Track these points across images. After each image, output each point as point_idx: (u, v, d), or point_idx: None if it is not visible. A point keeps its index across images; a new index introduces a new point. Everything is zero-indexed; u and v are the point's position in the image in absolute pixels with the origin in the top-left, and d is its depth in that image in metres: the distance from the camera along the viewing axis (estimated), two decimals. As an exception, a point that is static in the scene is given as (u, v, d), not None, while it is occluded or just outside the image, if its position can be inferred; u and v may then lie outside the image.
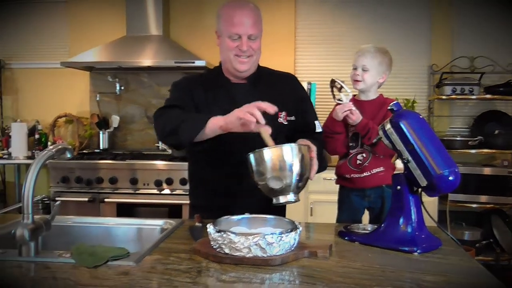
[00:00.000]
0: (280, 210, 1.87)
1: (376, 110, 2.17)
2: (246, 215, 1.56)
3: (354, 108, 2.09)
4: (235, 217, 1.54)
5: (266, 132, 1.55)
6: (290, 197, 1.52)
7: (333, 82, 2.16)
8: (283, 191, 1.51)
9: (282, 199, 1.52)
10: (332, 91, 2.19)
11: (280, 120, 1.91)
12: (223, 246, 1.34)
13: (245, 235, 1.33)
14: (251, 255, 1.32)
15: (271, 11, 4.28)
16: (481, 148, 3.82)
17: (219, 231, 1.35)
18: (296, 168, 1.49)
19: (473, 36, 4.19)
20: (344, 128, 2.16)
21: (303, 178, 1.53)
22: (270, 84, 1.96)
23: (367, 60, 2.16)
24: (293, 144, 1.51)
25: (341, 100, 2.11)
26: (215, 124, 1.64)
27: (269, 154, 1.48)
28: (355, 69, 2.19)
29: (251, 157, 1.52)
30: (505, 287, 1.16)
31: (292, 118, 1.94)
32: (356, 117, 2.09)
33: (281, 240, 1.33)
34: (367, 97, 2.22)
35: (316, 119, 2.02)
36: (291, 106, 1.95)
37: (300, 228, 1.43)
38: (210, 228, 1.38)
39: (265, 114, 1.65)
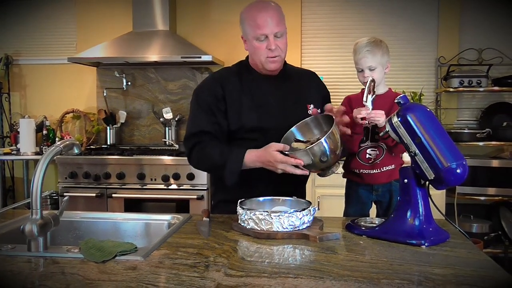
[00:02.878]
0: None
1: (388, 106, 2.12)
2: (293, 198, 1.81)
3: (371, 114, 1.94)
4: (261, 198, 1.81)
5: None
6: (334, 169, 1.83)
7: (373, 81, 1.99)
8: (326, 169, 1.81)
9: (328, 173, 1.84)
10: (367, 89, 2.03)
11: (310, 112, 2.00)
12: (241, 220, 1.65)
13: (250, 210, 1.60)
14: (249, 227, 1.59)
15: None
16: (489, 141, 3.81)
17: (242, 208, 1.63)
18: (331, 151, 1.73)
19: (480, 28, 4.16)
20: (363, 129, 2.11)
21: (338, 153, 1.78)
22: (296, 80, 2.06)
23: (369, 60, 2.09)
24: (324, 137, 1.71)
25: (366, 102, 1.95)
26: (253, 161, 1.83)
27: (309, 150, 1.73)
28: (361, 71, 2.14)
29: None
30: (513, 279, 1.16)
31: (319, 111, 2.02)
32: (382, 118, 1.94)
33: (272, 219, 1.56)
34: (377, 91, 2.18)
35: None
36: (318, 102, 2.03)
37: (298, 213, 1.57)
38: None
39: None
